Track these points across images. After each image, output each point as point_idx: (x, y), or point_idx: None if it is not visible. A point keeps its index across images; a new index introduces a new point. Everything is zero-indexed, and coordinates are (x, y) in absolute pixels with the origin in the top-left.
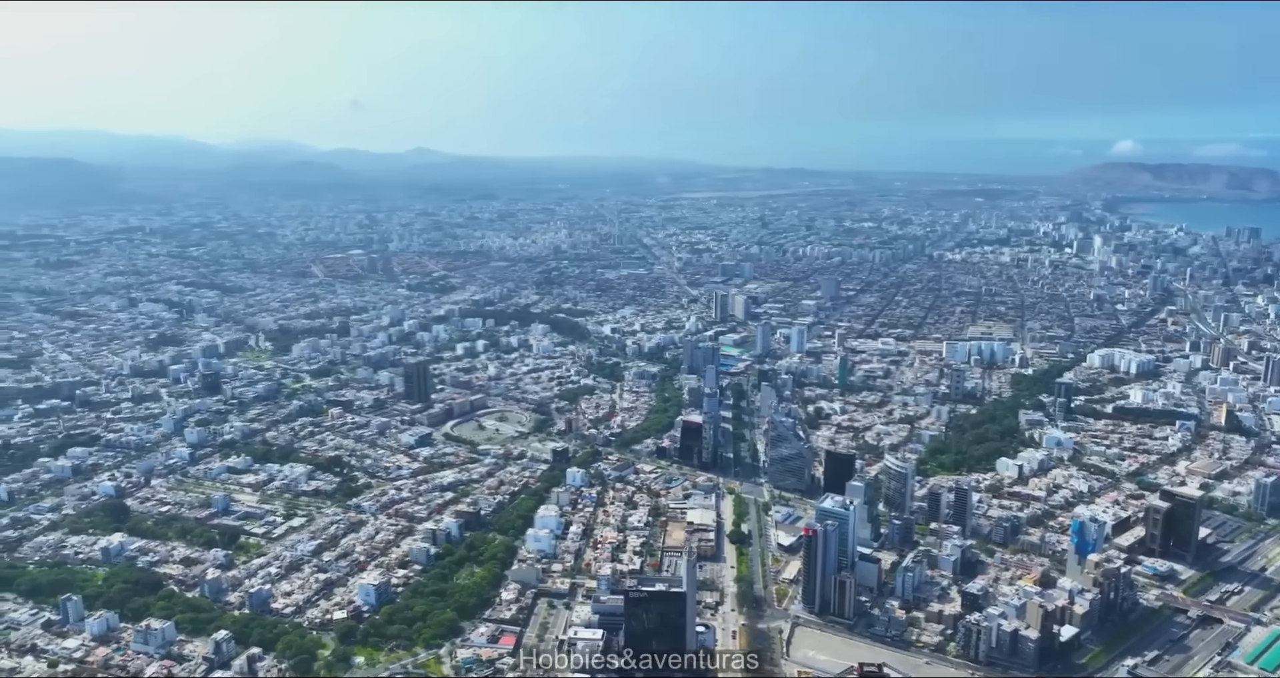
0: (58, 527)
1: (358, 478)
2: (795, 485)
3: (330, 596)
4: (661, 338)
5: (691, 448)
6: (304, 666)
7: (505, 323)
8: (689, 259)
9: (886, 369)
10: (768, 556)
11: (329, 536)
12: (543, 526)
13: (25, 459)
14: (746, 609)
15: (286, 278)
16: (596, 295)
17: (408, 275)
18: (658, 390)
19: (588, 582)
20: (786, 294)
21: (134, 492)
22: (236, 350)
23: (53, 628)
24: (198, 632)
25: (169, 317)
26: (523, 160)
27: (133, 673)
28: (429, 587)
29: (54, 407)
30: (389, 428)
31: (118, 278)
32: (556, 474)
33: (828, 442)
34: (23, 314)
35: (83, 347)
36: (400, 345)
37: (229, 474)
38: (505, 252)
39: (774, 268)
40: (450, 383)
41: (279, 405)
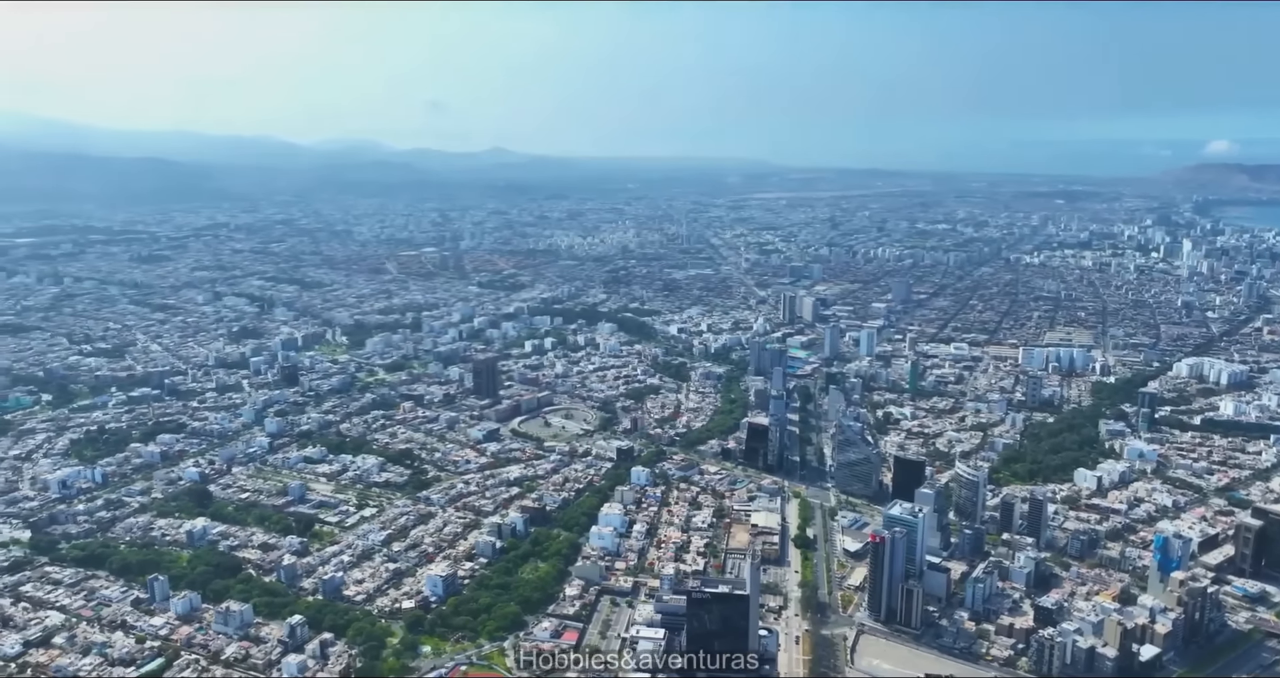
0: (147, 509)
1: (427, 471)
2: (862, 491)
3: (399, 585)
4: (728, 339)
5: (757, 450)
6: (373, 652)
7: (573, 321)
8: (757, 260)
9: (959, 375)
10: (833, 561)
11: (399, 526)
12: (607, 523)
13: (119, 444)
14: (810, 614)
15: (362, 274)
16: (664, 295)
17: (478, 273)
18: (723, 391)
19: (650, 581)
20: (856, 296)
21: (217, 478)
22: (314, 344)
23: (141, 606)
24: (274, 615)
25: (251, 310)
26: (594, 160)
27: (213, 652)
28: (494, 580)
29: (145, 395)
30: (458, 423)
31: (204, 272)
32: (621, 473)
33: (897, 447)
34: (117, 306)
35: (171, 338)
36: (470, 342)
37: (305, 464)
38: (574, 250)
39: (844, 269)
40: (518, 380)
41: (353, 398)
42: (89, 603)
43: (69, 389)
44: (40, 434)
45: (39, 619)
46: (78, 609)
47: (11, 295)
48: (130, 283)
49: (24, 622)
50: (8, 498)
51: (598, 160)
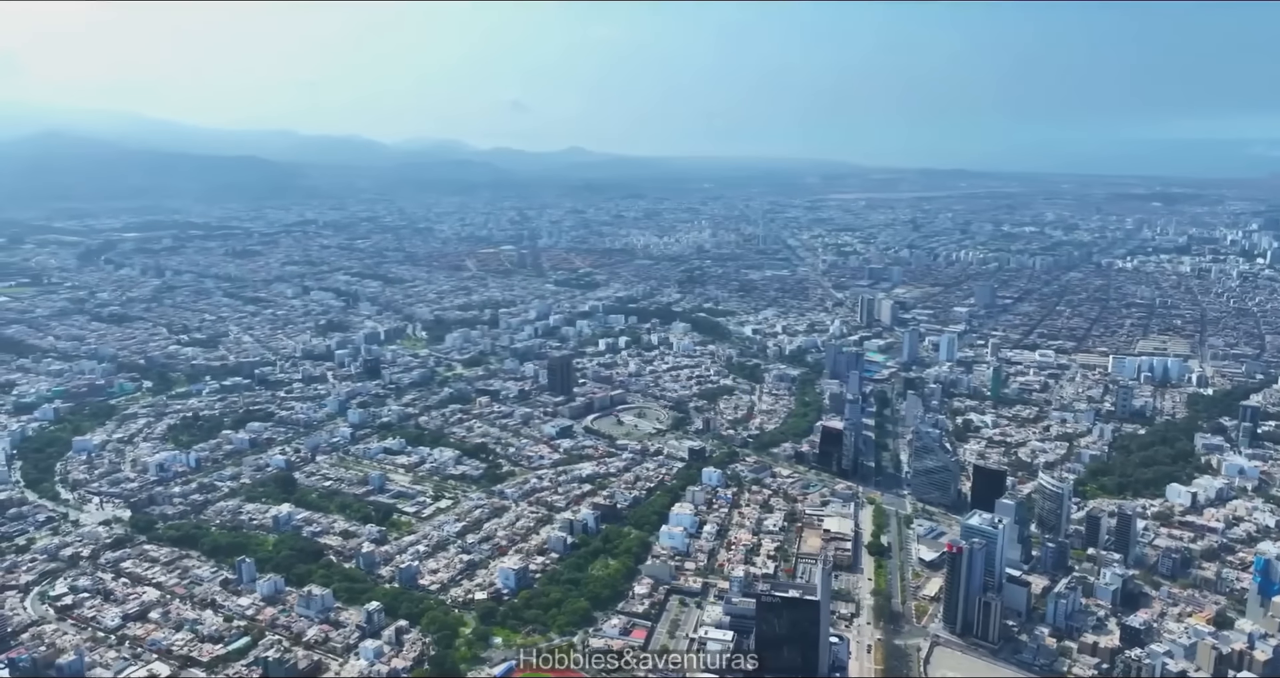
0: (236, 494)
1: (502, 465)
2: (940, 499)
3: (472, 576)
4: (803, 341)
5: (831, 454)
6: (446, 641)
7: (647, 320)
8: (835, 261)
9: (1044, 382)
10: (908, 570)
11: (473, 519)
12: (677, 523)
13: (212, 430)
14: (883, 624)
15: (443, 271)
16: (739, 296)
17: (555, 271)
18: (798, 394)
19: (720, 582)
20: (937, 300)
21: (301, 466)
22: (395, 338)
23: (229, 586)
24: (352, 601)
25: (337, 304)
26: (671, 160)
27: (295, 634)
28: (565, 575)
29: (236, 384)
30: (532, 418)
31: (294, 267)
32: (692, 473)
33: (976, 456)
34: (213, 298)
35: (262, 330)
36: (546, 339)
37: (385, 455)
38: (649, 250)
39: (924, 272)
40: (592, 377)
41: (432, 392)
42: (182, 581)
43: (168, 377)
44: (141, 419)
45: (137, 594)
46: (172, 587)
47: (119, 287)
48: (225, 276)
49: (123, 596)
50: (111, 478)
51: (674, 160)
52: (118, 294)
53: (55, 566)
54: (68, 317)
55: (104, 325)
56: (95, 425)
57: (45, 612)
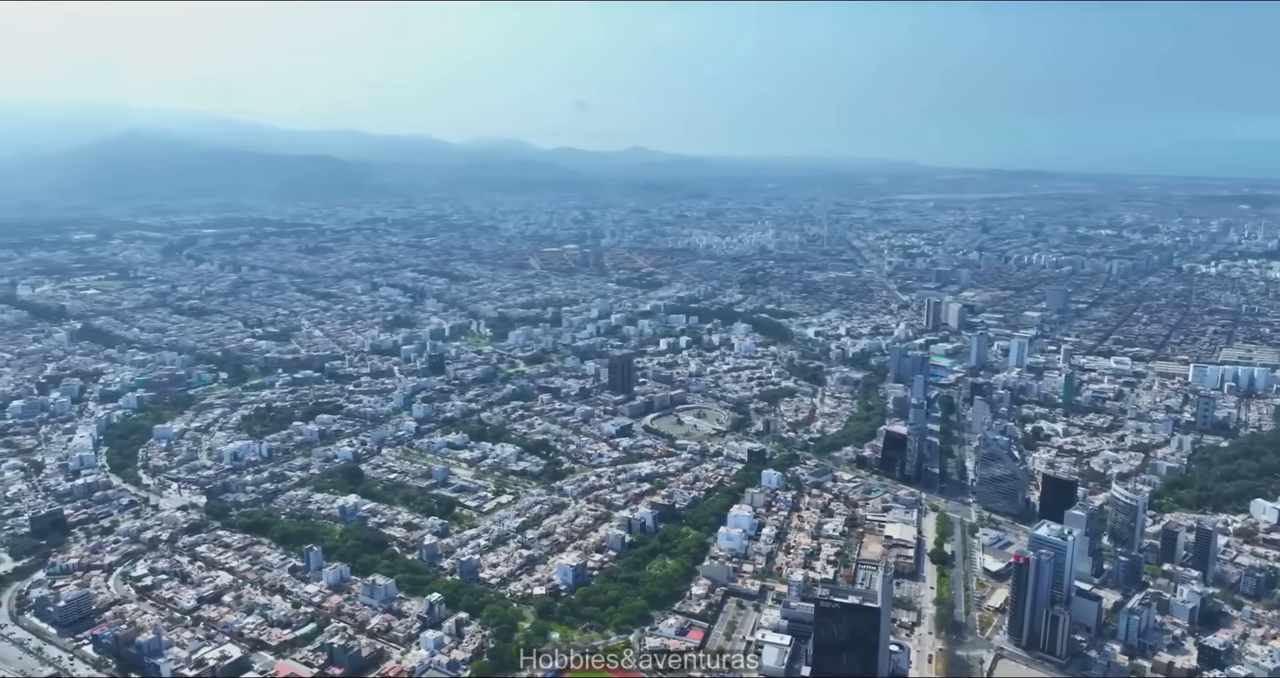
0: (305, 484)
1: (561, 462)
2: (1007, 508)
3: (531, 571)
4: (867, 343)
5: (894, 459)
6: (505, 635)
7: (708, 320)
8: (901, 263)
9: (1119, 390)
10: (972, 579)
11: (533, 515)
12: (735, 524)
13: (283, 421)
14: (945, 633)
15: (507, 269)
16: (801, 297)
17: (617, 270)
18: (860, 397)
19: (778, 586)
20: (1007, 304)
21: (368, 458)
22: (460, 334)
23: (297, 573)
24: (414, 592)
25: (404, 301)
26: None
27: (359, 622)
28: (622, 573)
29: (307, 377)
30: (592, 416)
31: (363, 264)
32: (752, 474)
33: (1046, 465)
34: (286, 293)
35: (332, 324)
36: (607, 338)
37: (448, 449)
38: (712, 250)
39: (994, 275)
40: (652, 377)
41: (494, 388)
42: (253, 567)
43: (243, 369)
44: (217, 409)
45: (211, 578)
46: (244, 572)
47: (198, 281)
48: (298, 272)
49: (199, 580)
50: (189, 466)
51: (738, 160)
52: (197, 288)
53: (136, 548)
54: (151, 309)
55: (184, 318)
56: (175, 414)
57: (127, 592)
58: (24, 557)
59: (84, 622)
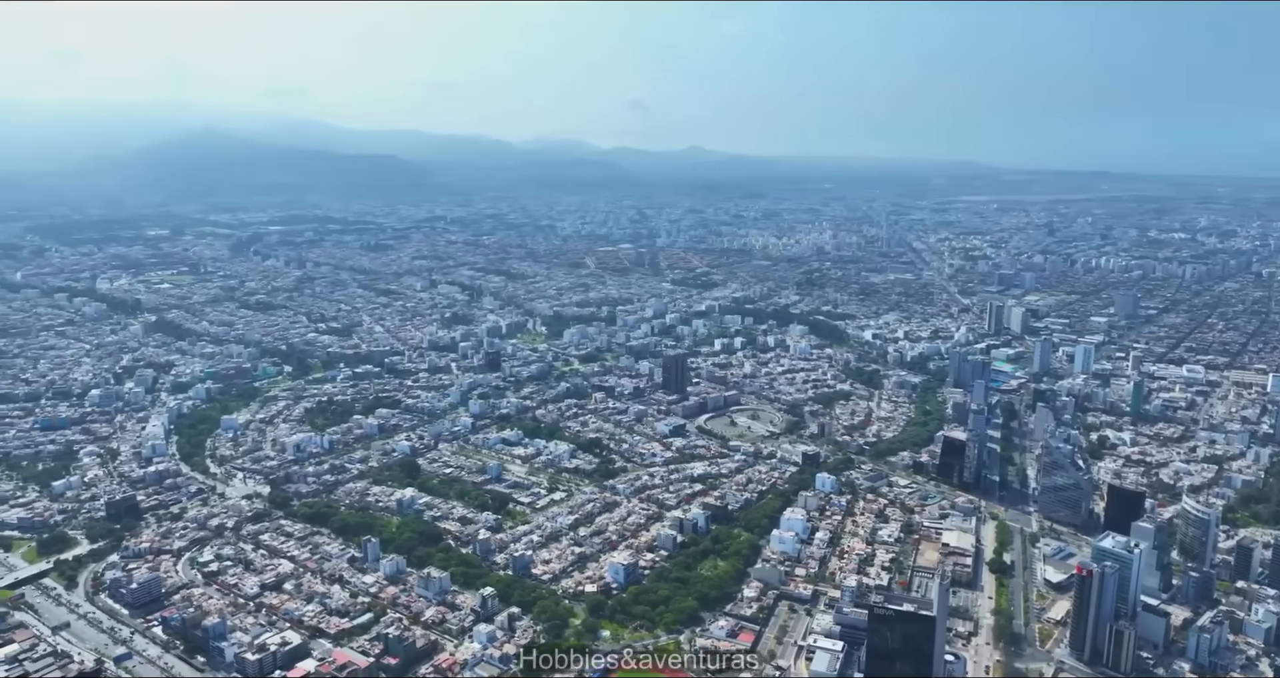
0: (364, 476)
1: (614, 461)
2: (1069, 519)
3: (583, 569)
4: (926, 347)
5: (952, 466)
6: (556, 631)
7: (763, 321)
8: (962, 266)
9: (1191, 400)
10: (1032, 590)
11: (585, 512)
12: (788, 527)
13: (344, 415)
14: (1003, 645)
15: (563, 268)
16: (859, 299)
17: (672, 270)
18: (918, 402)
19: (831, 591)
20: (1073, 309)
21: (425, 452)
22: (516, 332)
23: (355, 564)
24: (468, 585)
25: (461, 298)
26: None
27: (414, 613)
28: (673, 573)
29: (367, 371)
30: (646, 416)
31: (423, 261)
32: (805, 477)
33: (1112, 475)
34: (348, 289)
35: (392, 320)
36: (661, 337)
37: (503, 445)
38: (768, 250)
39: (1059, 279)
40: (706, 377)
41: (549, 386)
42: (313, 556)
43: (306, 363)
44: (281, 401)
45: (273, 566)
46: (304, 561)
47: (265, 277)
48: (360, 269)
49: (262, 567)
50: (253, 456)
51: (796, 160)
52: (264, 283)
53: (203, 534)
54: (220, 303)
55: (251, 312)
56: (241, 406)
57: (194, 576)
58: (99, 540)
59: (154, 604)
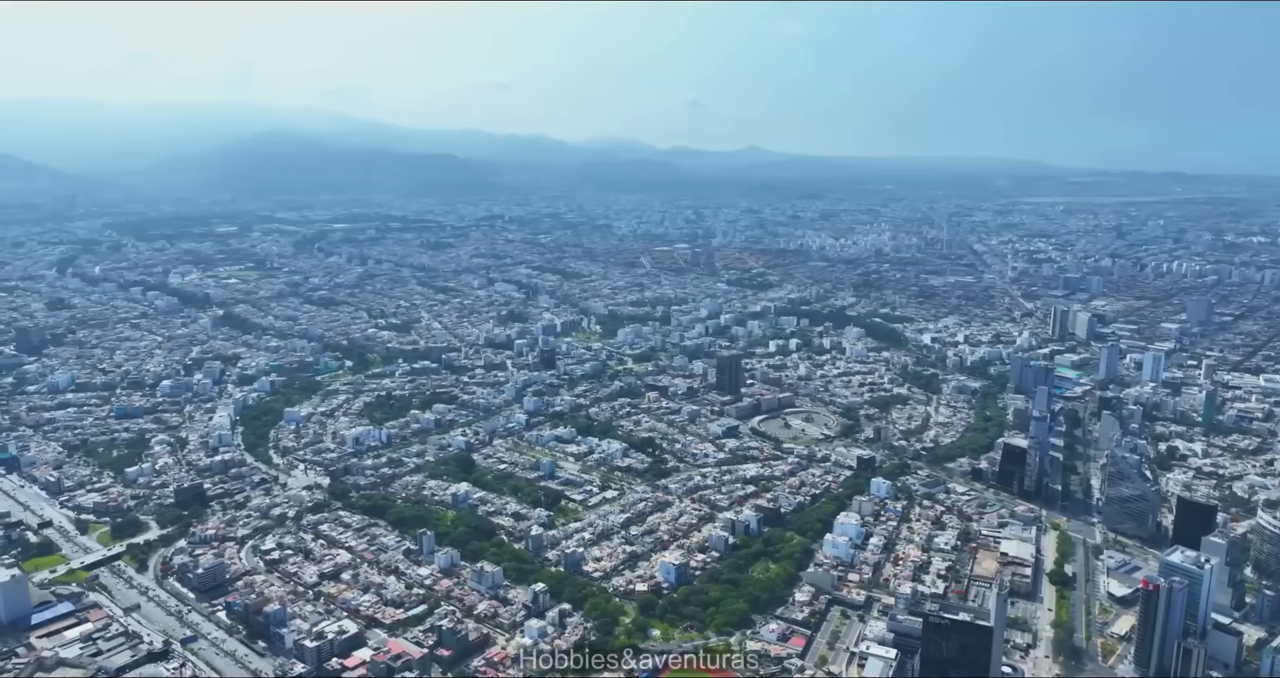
0: (420, 470)
1: (667, 460)
2: (1135, 531)
3: (634, 567)
4: (987, 352)
5: (1012, 473)
6: (606, 628)
7: (819, 323)
8: (1025, 269)
9: (1269, 410)
10: (1094, 604)
11: (637, 511)
12: (842, 532)
13: (401, 409)
14: (1063, 659)
15: (618, 267)
16: (918, 302)
17: (728, 270)
18: (978, 408)
19: (884, 597)
20: (1142, 314)
21: (480, 448)
22: (571, 331)
23: (411, 556)
24: (520, 580)
25: (518, 296)
26: (852, 159)
27: (467, 606)
28: (724, 575)
29: (425, 367)
30: (699, 416)
31: (480, 259)
32: (860, 482)
33: (1181, 487)
34: (408, 286)
35: (450, 317)
36: (716, 338)
37: (556, 443)
38: (825, 252)
39: (1128, 284)
40: (760, 378)
41: (603, 384)
42: (370, 548)
43: (366, 358)
44: (342, 395)
45: (332, 556)
46: (361, 551)
47: (328, 273)
48: (419, 266)
49: (320, 556)
50: (314, 448)
51: (855, 160)
52: (326, 280)
53: (266, 523)
54: (284, 299)
55: (314, 308)
56: (303, 399)
57: (256, 564)
58: (169, 525)
59: (218, 589)
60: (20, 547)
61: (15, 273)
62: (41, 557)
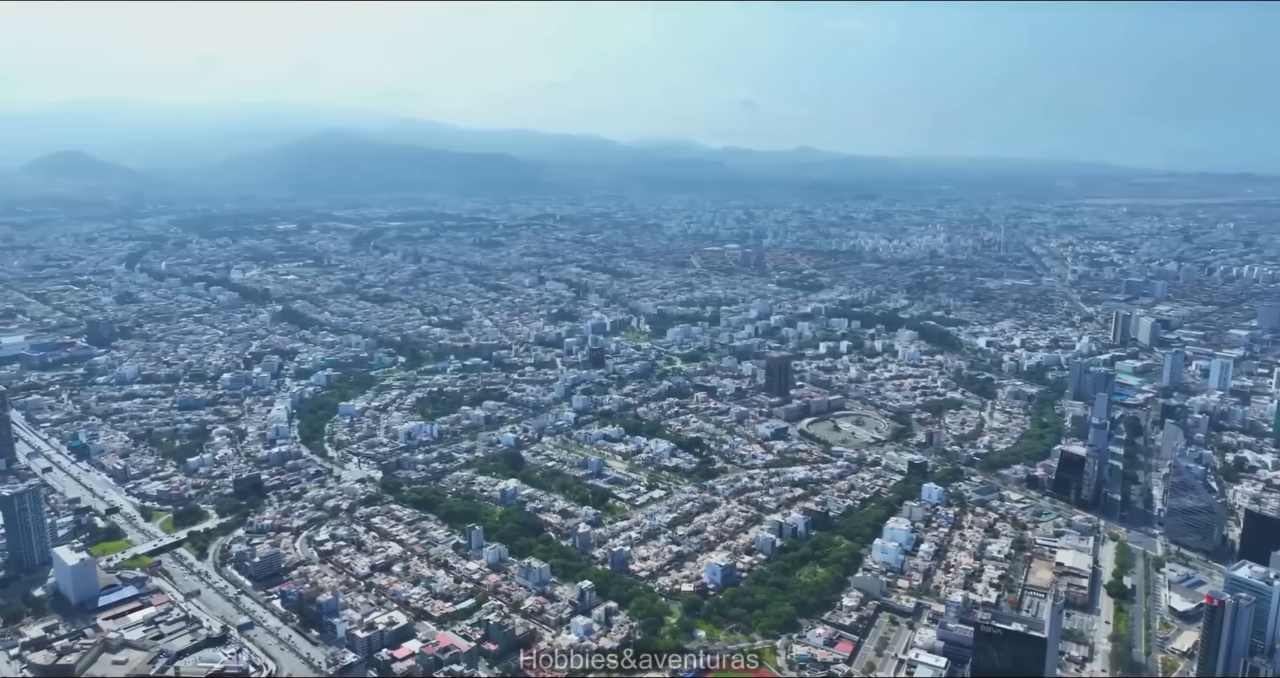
0: (470, 466)
1: (714, 461)
2: (1199, 544)
3: (680, 567)
4: (1044, 357)
5: (1069, 482)
6: (651, 628)
7: (871, 325)
8: (1086, 272)
9: None
10: (1154, 618)
11: (684, 511)
12: (892, 537)
13: (452, 405)
14: (1121, 674)
15: (668, 266)
16: (973, 305)
17: (778, 271)
18: (1034, 413)
19: (935, 605)
20: (1209, 320)
21: (529, 445)
22: (620, 330)
23: (460, 550)
24: (567, 577)
25: (568, 295)
26: (907, 160)
27: (514, 601)
28: (771, 577)
29: (476, 364)
30: (747, 417)
31: (531, 258)
32: (911, 487)
33: (1250, 499)
34: (460, 284)
35: (500, 315)
36: (765, 338)
37: (604, 441)
38: (878, 253)
39: (1195, 288)
40: (810, 380)
41: (651, 384)
42: (420, 541)
43: (418, 354)
44: (395, 390)
45: (383, 548)
46: (412, 545)
47: (383, 271)
48: (471, 264)
49: (372, 548)
50: (368, 442)
51: (910, 160)
52: (381, 277)
53: (320, 514)
54: (341, 295)
55: (369, 304)
56: (357, 393)
57: (311, 554)
58: (228, 515)
59: (274, 578)
60: (89, 531)
61: (88, 268)
62: (108, 542)
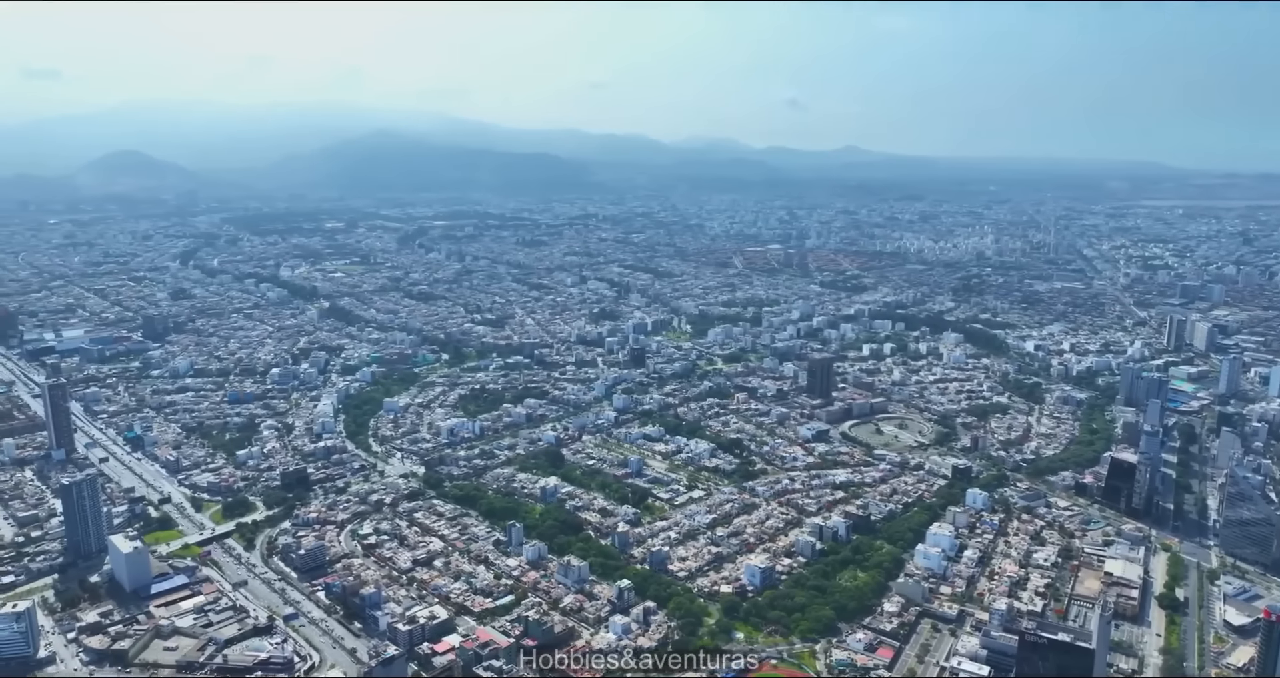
0: (511, 463)
1: (754, 462)
2: (1256, 557)
3: (719, 569)
4: (1094, 361)
5: (1119, 490)
6: (690, 628)
7: (915, 328)
8: (1139, 275)
9: None
10: (1208, 631)
11: (723, 512)
12: (935, 543)
13: (494, 403)
14: None
15: (710, 267)
16: (1021, 308)
17: (821, 272)
18: (1084, 419)
19: (978, 612)
20: (1270, 326)
21: (569, 443)
22: (661, 330)
23: (500, 546)
24: (605, 576)
25: (609, 294)
26: (955, 160)
27: (553, 599)
28: (810, 581)
29: (518, 362)
30: (788, 419)
31: (574, 257)
32: (955, 492)
33: None
34: (503, 282)
35: (543, 314)
36: (807, 340)
37: (644, 441)
38: (923, 254)
39: (1254, 293)
40: (852, 383)
41: (691, 384)
42: (462, 537)
43: (461, 351)
44: (438, 387)
45: (425, 543)
46: (453, 540)
47: (428, 269)
48: (514, 263)
49: (414, 543)
50: (411, 438)
51: (957, 160)
52: (426, 275)
53: (364, 508)
54: (386, 292)
55: (413, 302)
56: (401, 389)
57: (354, 547)
58: (275, 507)
59: (319, 570)
60: (143, 521)
61: (144, 264)
62: (161, 531)
